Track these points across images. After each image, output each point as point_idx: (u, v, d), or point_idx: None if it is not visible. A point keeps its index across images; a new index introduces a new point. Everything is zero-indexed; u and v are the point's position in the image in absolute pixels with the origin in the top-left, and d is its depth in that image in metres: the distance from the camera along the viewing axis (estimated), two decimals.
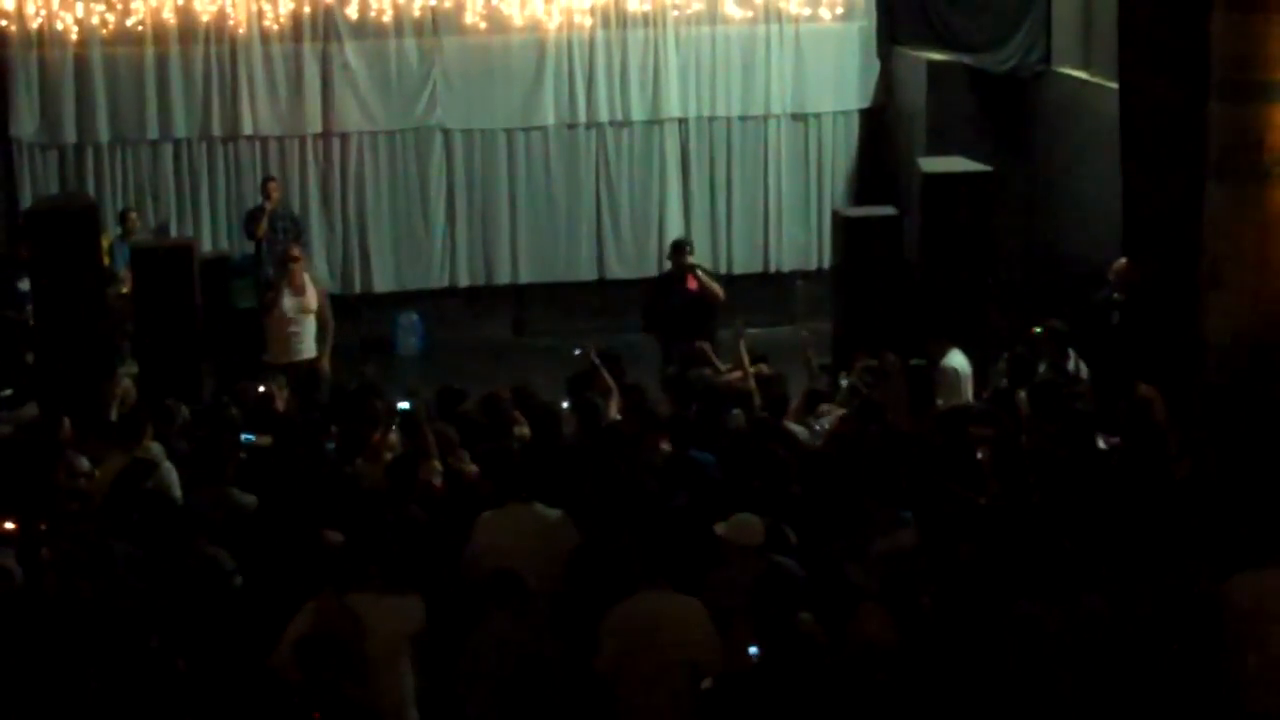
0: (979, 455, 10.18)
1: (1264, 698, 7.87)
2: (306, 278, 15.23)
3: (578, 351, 12.76)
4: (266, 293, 15.20)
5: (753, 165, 19.37)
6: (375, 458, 10.65)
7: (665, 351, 15.02)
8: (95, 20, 17.65)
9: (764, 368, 13.07)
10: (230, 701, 7.70)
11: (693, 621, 7.97)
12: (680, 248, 15.98)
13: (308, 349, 14.99)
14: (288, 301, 14.92)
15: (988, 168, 15.43)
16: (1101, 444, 10.50)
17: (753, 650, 7.72)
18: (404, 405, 11.28)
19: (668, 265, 16.17)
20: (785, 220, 19.51)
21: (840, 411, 11.91)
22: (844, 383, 12.50)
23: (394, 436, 11.04)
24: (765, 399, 11.94)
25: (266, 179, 17.85)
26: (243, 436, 11.29)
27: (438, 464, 10.29)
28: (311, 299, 15.03)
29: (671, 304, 15.53)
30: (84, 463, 10.65)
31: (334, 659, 7.38)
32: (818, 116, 19.40)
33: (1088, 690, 7.70)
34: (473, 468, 10.29)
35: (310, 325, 15.05)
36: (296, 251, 15.50)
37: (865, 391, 12.10)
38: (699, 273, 15.59)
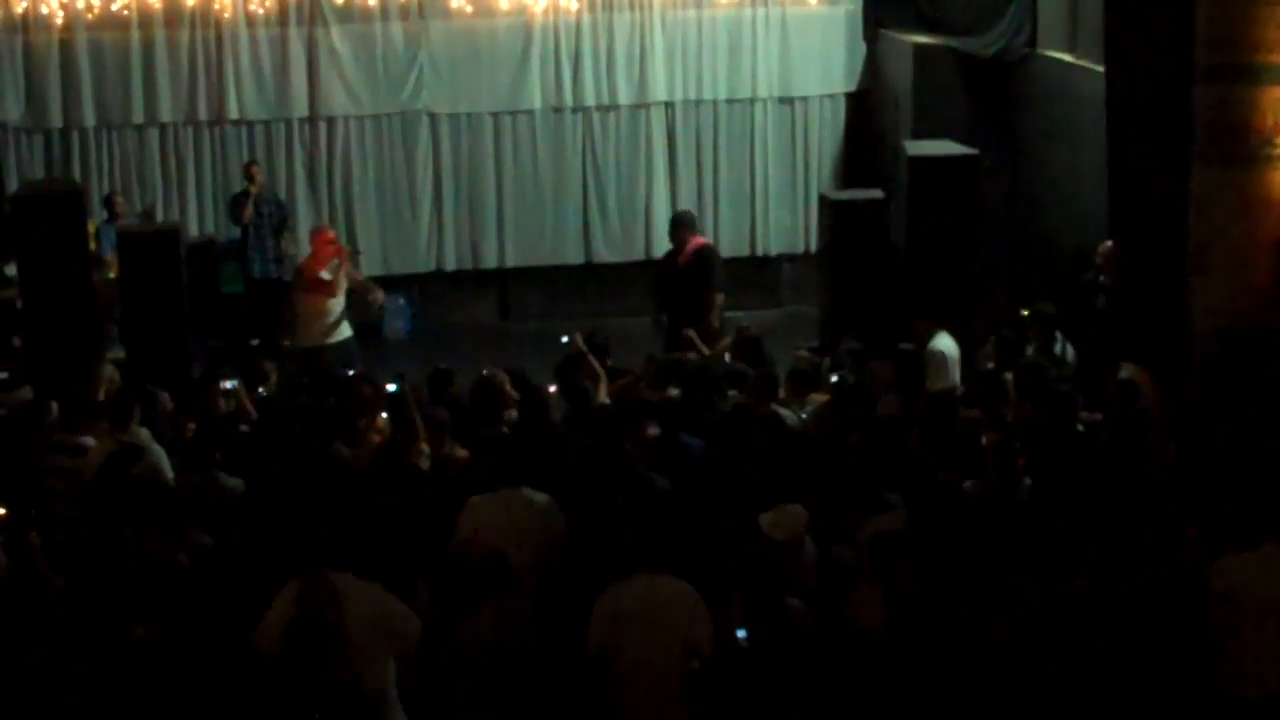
0: (982, 440, 10.17)
1: (1247, 680, 7.89)
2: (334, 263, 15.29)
3: (565, 338, 12.77)
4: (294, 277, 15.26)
5: (739, 149, 19.37)
6: (362, 441, 10.66)
7: (668, 330, 15.04)
8: (80, 4, 17.61)
9: (748, 326, 13.16)
10: (216, 686, 7.70)
11: (686, 605, 7.97)
12: (672, 224, 16.08)
13: (339, 333, 15.06)
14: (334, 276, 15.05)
15: (974, 151, 15.44)
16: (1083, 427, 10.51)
17: (741, 634, 7.73)
18: (391, 388, 11.29)
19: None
20: (772, 204, 19.51)
21: (825, 396, 11.94)
22: (834, 378, 12.50)
23: (382, 420, 11.05)
24: (748, 363, 12.00)
25: (249, 163, 17.82)
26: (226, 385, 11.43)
27: (425, 447, 10.29)
28: (338, 283, 15.12)
29: (668, 280, 15.64)
30: (88, 440, 10.65)
31: (315, 639, 7.38)
32: (804, 100, 19.40)
33: (1073, 672, 7.72)
34: (462, 452, 10.29)
35: (337, 309, 15.11)
36: (331, 234, 15.57)
37: (850, 375, 12.13)
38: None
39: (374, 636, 7.70)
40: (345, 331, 15.16)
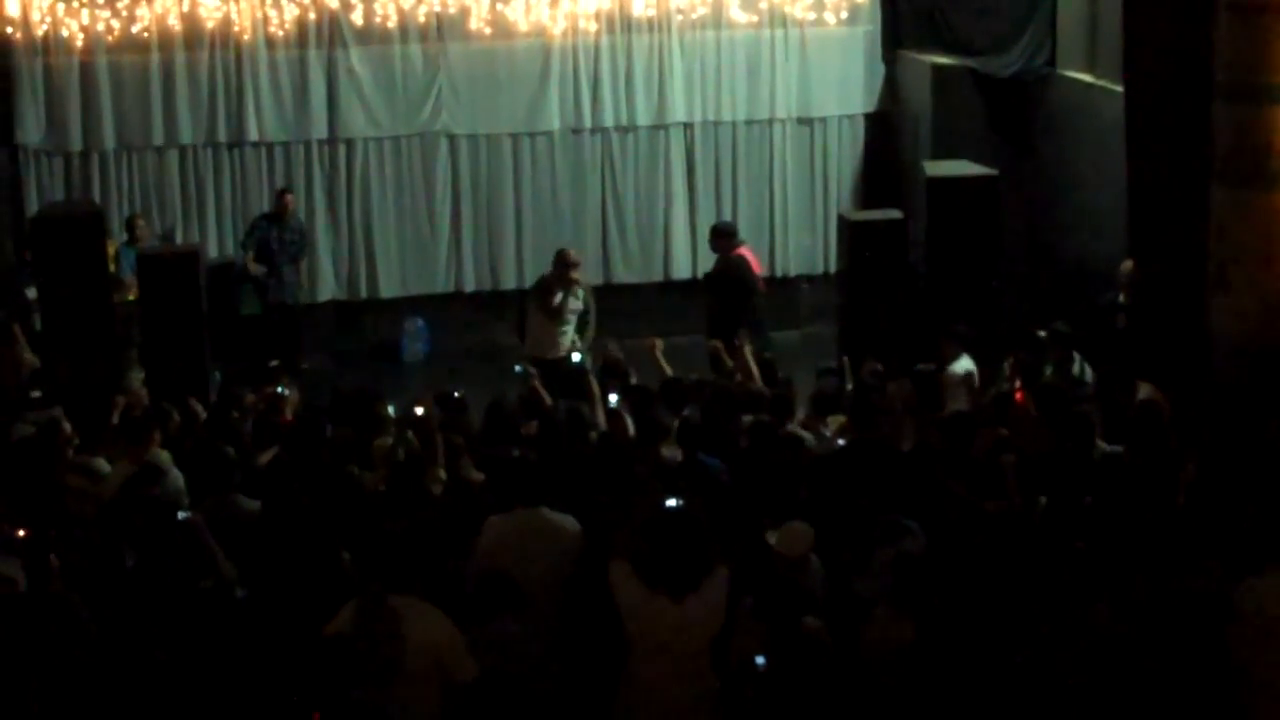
0: (1004, 460, 10.13)
1: (1273, 704, 7.84)
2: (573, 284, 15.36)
3: (518, 369, 12.78)
4: (545, 294, 15.33)
5: (758, 170, 19.39)
6: (379, 464, 10.66)
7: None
8: (100, 27, 17.67)
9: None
10: (233, 708, 7.68)
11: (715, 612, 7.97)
12: (712, 232, 16.34)
13: (566, 344, 15.11)
14: (564, 301, 15.16)
15: (993, 171, 15.44)
16: (1104, 446, 10.48)
17: (759, 660, 7.70)
18: (419, 410, 11.28)
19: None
20: (791, 224, 19.53)
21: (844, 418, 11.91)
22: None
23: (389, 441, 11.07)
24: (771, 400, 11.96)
25: (282, 190, 17.84)
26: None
27: (442, 473, 10.28)
28: (575, 302, 15.25)
29: (711, 290, 15.92)
30: (101, 464, 10.67)
31: (357, 659, 7.35)
32: (823, 121, 19.42)
33: (1095, 697, 7.68)
34: (479, 475, 10.28)
35: (572, 324, 15.26)
36: (575, 257, 15.59)
37: (870, 397, 12.08)
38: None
39: (427, 662, 7.62)
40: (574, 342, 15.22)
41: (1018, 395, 11.24)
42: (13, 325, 14.26)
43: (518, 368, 12.84)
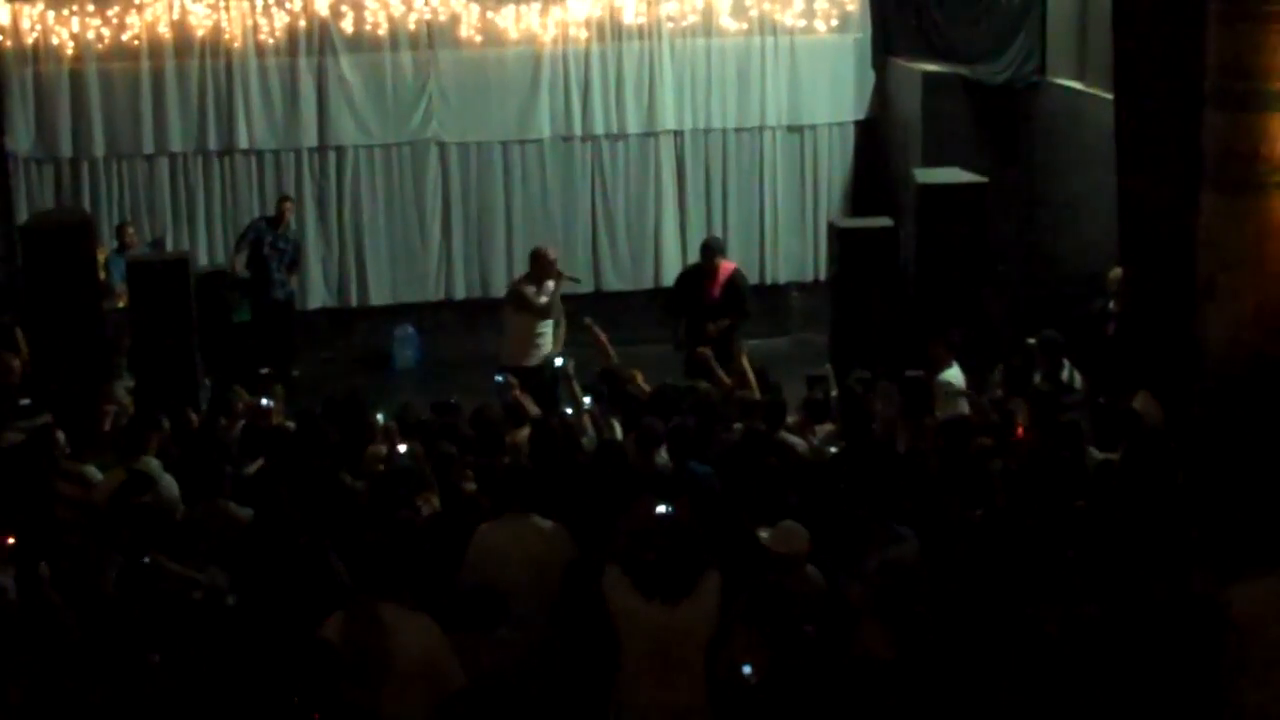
0: (994, 466, 10.14)
1: (1265, 708, 7.84)
2: (549, 284, 15.28)
3: (499, 379, 12.81)
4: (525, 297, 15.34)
5: (748, 177, 19.41)
6: (369, 471, 10.65)
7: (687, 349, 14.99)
8: (91, 35, 17.70)
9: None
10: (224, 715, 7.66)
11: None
12: (706, 248, 16.12)
13: (546, 351, 15.07)
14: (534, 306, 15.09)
15: (983, 178, 15.45)
16: (1096, 454, 10.49)
17: (746, 669, 7.68)
18: (402, 448, 11.22)
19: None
20: (781, 232, 19.55)
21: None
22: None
23: (382, 449, 11.06)
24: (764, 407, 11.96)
25: (284, 198, 17.82)
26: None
27: (435, 500, 10.22)
28: (551, 305, 15.21)
29: (694, 302, 15.73)
30: (92, 471, 10.66)
31: (348, 667, 7.34)
32: (813, 128, 19.44)
33: (1086, 701, 7.68)
34: (472, 486, 10.27)
35: (551, 327, 15.19)
36: (553, 254, 15.55)
37: (858, 403, 12.09)
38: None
39: (415, 670, 7.59)
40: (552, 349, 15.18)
41: (1019, 431, 11.17)
42: (15, 330, 14.27)
43: (499, 377, 12.86)
